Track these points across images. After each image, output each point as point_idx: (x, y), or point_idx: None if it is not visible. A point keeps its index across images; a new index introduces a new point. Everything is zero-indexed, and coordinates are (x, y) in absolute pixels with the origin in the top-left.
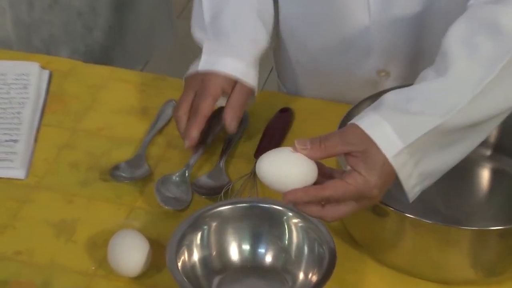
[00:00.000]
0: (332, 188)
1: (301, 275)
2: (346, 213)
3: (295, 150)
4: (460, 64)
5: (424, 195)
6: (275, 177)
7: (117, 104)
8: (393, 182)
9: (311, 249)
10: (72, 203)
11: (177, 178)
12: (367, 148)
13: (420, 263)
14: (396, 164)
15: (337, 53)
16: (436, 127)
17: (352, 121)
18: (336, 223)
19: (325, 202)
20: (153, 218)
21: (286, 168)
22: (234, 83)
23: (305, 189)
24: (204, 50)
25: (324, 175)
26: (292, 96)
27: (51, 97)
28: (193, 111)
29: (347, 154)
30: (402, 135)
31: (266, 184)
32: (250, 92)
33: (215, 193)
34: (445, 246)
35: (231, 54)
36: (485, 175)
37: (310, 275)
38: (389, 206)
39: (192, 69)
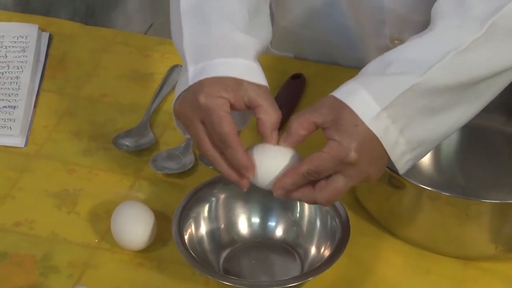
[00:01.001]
0: (308, 161)
1: (313, 249)
2: (337, 190)
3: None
4: (444, 21)
5: (442, 166)
6: (262, 175)
7: (121, 69)
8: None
9: (323, 223)
10: (74, 173)
11: (180, 149)
12: (337, 114)
13: (437, 238)
14: (376, 129)
15: (351, 24)
16: (414, 86)
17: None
18: (350, 196)
19: (310, 180)
20: (158, 189)
21: (269, 163)
22: (239, 88)
23: (285, 172)
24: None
25: None
26: (304, 61)
27: (51, 62)
28: (222, 142)
29: (322, 128)
30: (379, 98)
31: (257, 185)
32: (266, 91)
33: None
34: (464, 220)
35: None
36: (504, 143)
37: (322, 250)
38: (406, 178)
39: (178, 93)
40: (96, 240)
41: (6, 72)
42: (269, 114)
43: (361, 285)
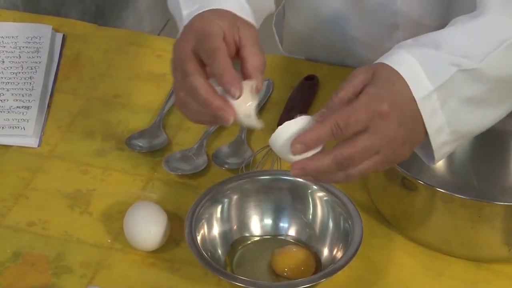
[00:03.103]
0: (336, 113)
1: (325, 251)
2: (363, 149)
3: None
4: (495, 7)
5: (455, 168)
6: (283, 146)
7: (134, 70)
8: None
9: (336, 224)
10: (87, 173)
11: (193, 150)
12: (375, 71)
13: (450, 240)
14: (424, 110)
15: (365, 26)
16: (470, 72)
17: (380, 59)
18: (363, 198)
19: (335, 135)
20: (171, 189)
21: (291, 126)
22: (234, 24)
23: (307, 138)
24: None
25: None
26: (317, 63)
27: (65, 62)
28: (209, 56)
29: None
30: (432, 75)
31: (277, 154)
32: (257, 34)
33: (236, 165)
34: (477, 222)
35: None
36: None
37: (335, 251)
38: (419, 180)
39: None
40: (109, 241)
41: (20, 73)
42: (255, 56)
43: (374, 286)
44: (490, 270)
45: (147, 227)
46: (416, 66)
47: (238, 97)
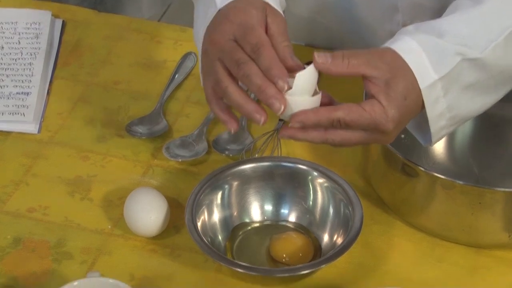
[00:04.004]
0: (346, 109)
1: (325, 237)
2: (351, 141)
3: (315, 65)
4: None
5: (456, 155)
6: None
7: (134, 56)
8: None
9: (336, 211)
10: (87, 160)
11: (193, 136)
12: (391, 77)
13: (450, 226)
14: (427, 98)
15: (364, 9)
16: (473, 61)
17: (385, 45)
18: (364, 185)
19: (333, 126)
20: (172, 176)
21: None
22: (263, 12)
23: (315, 109)
24: None
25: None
26: (318, 48)
27: (64, 48)
28: (254, 51)
29: (366, 79)
30: (437, 65)
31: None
32: (284, 22)
33: (236, 152)
34: (477, 209)
35: None
36: None
37: (335, 237)
38: (420, 166)
39: (203, 28)
40: (109, 227)
41: (19, 59)
42: (283, 45)
43: (374, 272)
44: (490, 256)
45: (148, 213)
46: (421, 54)
47: (287, 90)
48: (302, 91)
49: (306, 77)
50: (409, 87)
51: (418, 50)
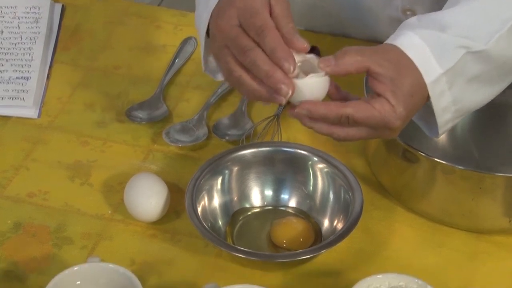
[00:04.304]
0: (355, 107)
1: (326, 222)
2: (357, 137)
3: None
4: None
5: (457, 140)
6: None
7: (134, 41)
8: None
9: (337, 196)
10: (87, 145)
11: (193, 121)
12: (399, 74)
13: (451, 211)
14: (433, 92)
15: None
16: (477, 53)
17: (388, 41)
18: (364, 170)
19: (341, 121)
20: (172, 161)
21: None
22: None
23: (325, 102)
24: None
25: (341, 99)
26: (319, 34)
27: (64, 33)
28: (259, 34)
29: (371, 77)
30: (441, 59)
31: None
32: (288, 4)
33: (236, 137)
34: (478, 194)
35: None
36: None
37: (335, 222)
38: (420, 152)
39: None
40: (110, 212)
41: (19, 43)
42: (287, 26)
43: (374, 258)
44: (491, 242)
45: (148, 198)
46: (425, 49)
47: (293, 72)
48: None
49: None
50: (415, 83)
51: (422, 45)
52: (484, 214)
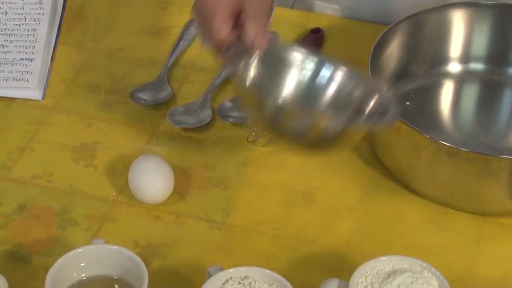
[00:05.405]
0: None
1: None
2: None
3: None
4: None
5: (461, 122)
6: None
7: (138, 23)
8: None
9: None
10: (92, 127)
11: (197, 103)
12: None
13: (455, 194)
14: None
15: None
16: None
17: None
18: (368, 152)
19: None
20: (176, 143)
21: None
22: None
23: None
24: None
25: None
26: (324, 15)
27: (68, 14)
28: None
29: None
30: None
31: None
32: None
33: (240, 119)
34: (482, 176)
35: None
36: None
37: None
38: (425, 134)
39: None
40: (114, 194)
41: (23, 24)
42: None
43: (378, 240)
44: (495, 224)
45: (152, 180)
46: None
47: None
48: None
49: None
50: None
51: None
52: (488, 196)
